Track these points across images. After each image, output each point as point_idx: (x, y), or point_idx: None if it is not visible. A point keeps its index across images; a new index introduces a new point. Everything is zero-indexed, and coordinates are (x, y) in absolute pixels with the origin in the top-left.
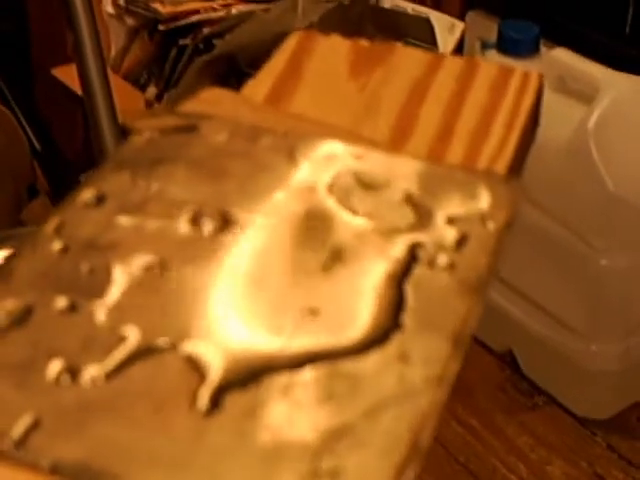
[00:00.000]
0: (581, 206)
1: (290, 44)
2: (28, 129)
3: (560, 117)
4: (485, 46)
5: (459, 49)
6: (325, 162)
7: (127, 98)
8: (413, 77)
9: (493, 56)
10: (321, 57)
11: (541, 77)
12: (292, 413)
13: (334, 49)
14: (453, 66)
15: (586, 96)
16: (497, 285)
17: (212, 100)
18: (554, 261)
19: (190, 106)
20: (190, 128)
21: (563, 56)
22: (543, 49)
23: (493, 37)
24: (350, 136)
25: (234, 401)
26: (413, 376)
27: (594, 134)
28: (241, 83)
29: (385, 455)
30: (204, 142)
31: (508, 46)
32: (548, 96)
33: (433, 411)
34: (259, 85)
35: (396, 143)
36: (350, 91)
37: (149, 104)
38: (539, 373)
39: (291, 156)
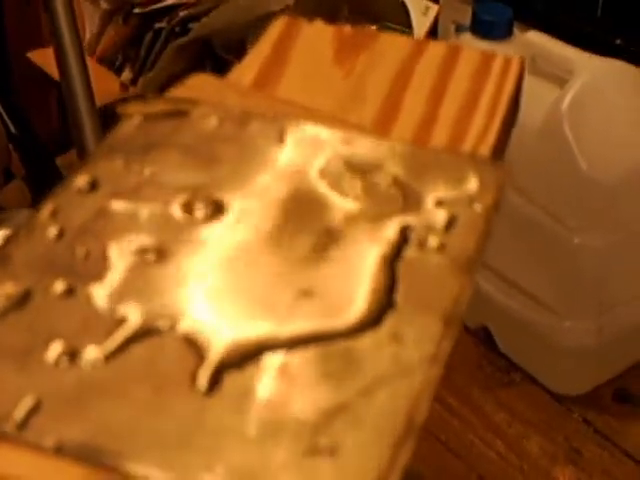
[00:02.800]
0: (555, 186)
1: (275, 30)
2: (3, 112)
3: (534, 99)
4: (459, 29)
5: (433, 32)
6: (314, 147)
7: (102, 81)
8: (397, 63)
9: (467, 39)
10: (306, 43)
11: (522, 61)
12: (289, 392)
13: (318, 35)
14: (436, 52)
15: (559, 78)
16: None
17: (199, 86)
18: (529, 240)
19: (178, 92)
20: (180, 113)
21: (536, 38)
22: (516, 32)
23: (467, 20)
24: (338, 121)
25: (233, 380)
26: (407, 355)
27: (568, 115)
28: (216, 66)
29: (381, 432)
30: (194, 127)
31: (482, 29)
32: None
33: (427, 389)
34: (246, 71)
35: (382, 128)
36: (336, 77)
37: (124, 87)
38: (515, 350)
39: (281, 140)
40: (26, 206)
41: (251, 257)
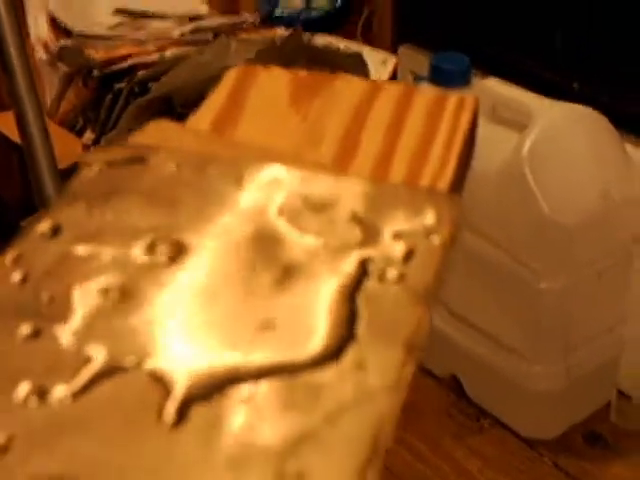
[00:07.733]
0: (518, 231)
1: (230, 77)
2: None
3: (494, 145)
4: (418, 79)
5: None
6: (273, 186)
7: (64, 143)
8: (353, 104)
9: (425, 89)
10: (262, 89)
11: (476, 100)
12: (256, 421)
13: (274, 80)
14: (391, 92)
15: (519, 124)
16: (438, 310)
17: (158, 132)
18: (494, 285)
19: (137, 139)
20: (139, 160)
21: (494, 85)
22: (475, 79)
23: (425, 70)
24: (296, 160)
25: (199, 412)
26: (370, 382)
27: (528, 160)
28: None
29: (347, 457)
30: (154, 173)
31: (440, 78)
32: (482, 125)
33: (391, 413)
34: (202, 118)
35: (340, 166)
36: (292, 120)
37: (87, 149)
38: (484, 396)
39: (239, 182)
40: None
41: (214, 294)
